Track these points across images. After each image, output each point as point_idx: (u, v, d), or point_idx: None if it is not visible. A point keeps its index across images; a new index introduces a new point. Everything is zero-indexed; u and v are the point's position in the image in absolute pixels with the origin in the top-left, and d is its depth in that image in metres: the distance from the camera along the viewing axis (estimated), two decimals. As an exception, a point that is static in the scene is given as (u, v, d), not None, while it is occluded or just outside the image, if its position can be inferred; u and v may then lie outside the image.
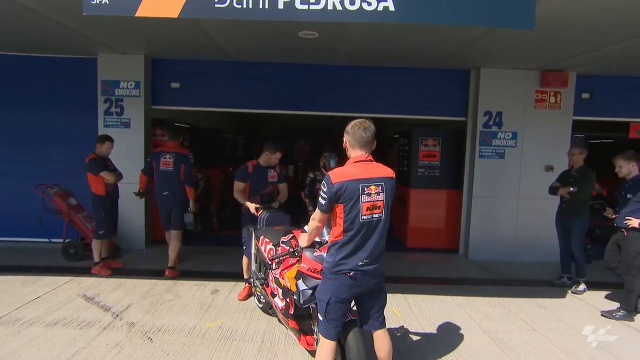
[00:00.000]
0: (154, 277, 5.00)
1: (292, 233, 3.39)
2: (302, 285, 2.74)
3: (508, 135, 6.24)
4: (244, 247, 4.30)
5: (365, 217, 2.39)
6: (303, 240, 2.85)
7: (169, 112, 6.50)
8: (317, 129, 11.67)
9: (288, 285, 2.95)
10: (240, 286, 4.61)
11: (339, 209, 2.41)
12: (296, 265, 2.97)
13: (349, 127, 2.50)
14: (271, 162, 4.30)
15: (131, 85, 6.07)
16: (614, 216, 4.28)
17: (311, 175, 5.26)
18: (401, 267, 5.79)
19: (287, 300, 3.01)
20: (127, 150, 5.93)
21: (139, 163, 5.82)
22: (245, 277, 4.40)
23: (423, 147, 6.74)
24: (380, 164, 2.53)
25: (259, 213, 4.06)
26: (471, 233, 6.36)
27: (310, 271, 2.71)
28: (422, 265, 5.94)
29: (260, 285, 3.77)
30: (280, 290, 3.15)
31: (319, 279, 2.66)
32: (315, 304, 2.63)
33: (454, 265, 6.03)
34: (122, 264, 5.48)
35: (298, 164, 11.25)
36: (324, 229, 2.75)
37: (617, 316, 4.11)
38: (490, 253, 6.11)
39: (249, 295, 4.38)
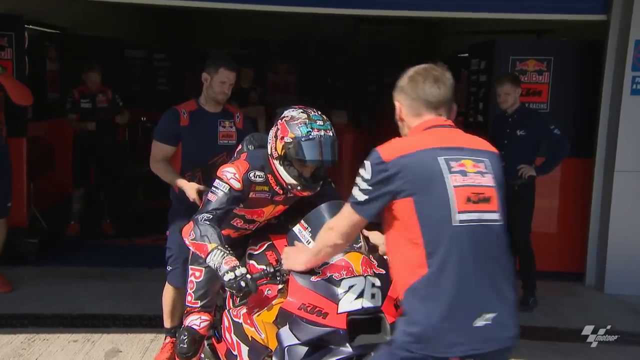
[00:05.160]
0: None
1: (270, 240, 3.57)
2: (288, 338, 2.85)
3: (697, 50, 6.23)
4: (170, 268, 4.43)
5: (464, 217, 2.30)
6: (296, 258, 2.93)
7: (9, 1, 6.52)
8: (312, 40, 11.58)
9: (262, 337, 3.08)
10: (160, 342, 4.66)
11: (405, 208, 2.32)
12: (278, 299, 3.08)
13: (404, 81, 2.58)
14: (217, 96, 4.34)
15: None
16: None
17: None
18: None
19: None
20: None
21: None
22: (168, 325, 4.53)
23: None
24: (474, 136, 2.62)
25: None
26: (610, 244, 6.46)
27: (305, 311, 2.82)
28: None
29: (206, 339, 3.91)
30: (245, 348, 3.28)
31: (321, 324, 2.78)
32: None
33: (578, 303, 6.18)
34: None
35: (274, 111, 11.22)
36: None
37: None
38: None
39: (175, 360, 4.66)
